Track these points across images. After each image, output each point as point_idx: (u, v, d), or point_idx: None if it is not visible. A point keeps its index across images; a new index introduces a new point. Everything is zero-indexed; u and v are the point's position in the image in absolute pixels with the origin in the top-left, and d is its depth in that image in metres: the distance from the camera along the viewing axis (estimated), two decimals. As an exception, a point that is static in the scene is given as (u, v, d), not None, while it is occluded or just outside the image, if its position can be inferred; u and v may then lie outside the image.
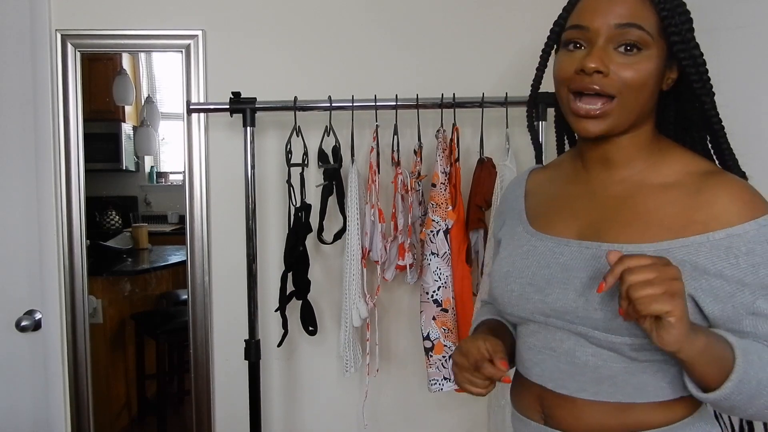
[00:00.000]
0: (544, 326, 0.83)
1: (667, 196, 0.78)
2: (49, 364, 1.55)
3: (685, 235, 0.74)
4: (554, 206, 0.88)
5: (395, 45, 1.57)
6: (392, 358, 1.63)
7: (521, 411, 0.89)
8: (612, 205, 0.82)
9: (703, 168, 0.80)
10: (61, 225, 1.54)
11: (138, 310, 2.43)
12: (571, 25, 0.79)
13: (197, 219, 1.56)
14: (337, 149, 1.45)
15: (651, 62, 0.76)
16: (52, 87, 1.51)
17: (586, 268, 0.78)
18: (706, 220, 0.74)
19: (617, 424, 0.79)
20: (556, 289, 0.80)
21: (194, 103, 1.51)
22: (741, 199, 0.74)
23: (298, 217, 1.45)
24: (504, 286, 0.87)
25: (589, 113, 0.76)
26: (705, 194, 0.75)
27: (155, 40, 1.54)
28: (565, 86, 0.79)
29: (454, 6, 1.57)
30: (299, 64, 1.56)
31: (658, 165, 0.82)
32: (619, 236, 0.78)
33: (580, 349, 0.79)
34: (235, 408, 1.61)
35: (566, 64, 0.79)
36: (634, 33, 0.75)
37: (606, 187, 0.84)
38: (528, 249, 0.86)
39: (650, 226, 0.77)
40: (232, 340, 1.58)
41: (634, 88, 0.76)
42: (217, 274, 1.59)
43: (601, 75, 0.75)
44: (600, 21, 0.76)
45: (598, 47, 0.75)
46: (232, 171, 1.56)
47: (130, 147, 2.66)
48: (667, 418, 0.79)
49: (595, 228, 0.81)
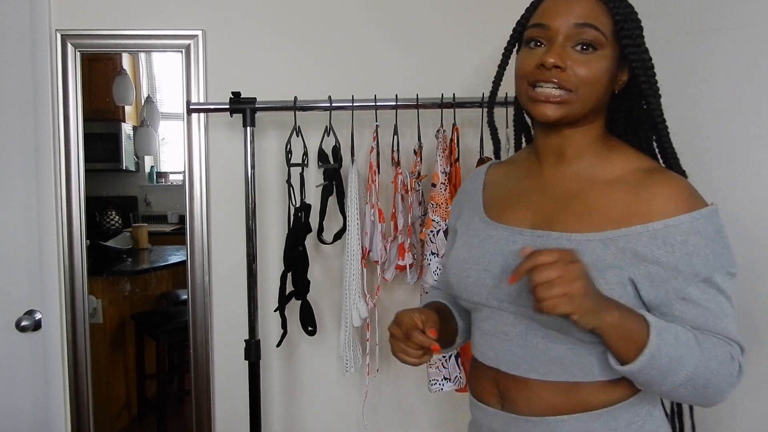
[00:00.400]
0: (497, 311, 0.88)
1: (614, 191, 0.85)
2: (49, 364, 1.55)
3: (627, 225, 0.81)
4: (510, 198, 0.95)
5: (395, 45, 1.57)
6: (392, 358, 1.62)
7: (479, 397, 0.94)
8: (563, 198, 0.88)
9: (646, 166, 0.87)
10: (61, 225, 1.54)
11: (138, 310, 2.43)
12: (532, 24, 0.86)
13: (197, 219, 1.56)
14: (337, 149, 1.45)
15: (605, 61, 0.83)
16: (52, 87, 1.51)
17: None
18: (647, 212, 0.81)
19: (566, 404, 0.85)
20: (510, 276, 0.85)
21: (194, 103, 1.51)
22: (678, 194, 0.81)
23: (298, 217, 1.45)
24: (460, 273, 0.92)
25: (548, 98, 0.82)
26: (646, 190, 0.83)
27: (155, 40, 1.54)
28: (526, 80, 0.85)
29: (454, 6, 1.57)
30: (299, 64, 1.56)
31: (605, 162, 0.88)
32: (568, 226, 0.84)
33: (531, 333, 0.85)
34: (235, 408, 1.61)
35: (527, 60, 0.85)
36: (590, 33, 0.82)
37: (558, 181, 0.90)
38: (484, 238, 0.92)
39: (596, 217, 0.83)
40: (232, 340, 1.58)
41: (589, 84, 0.82)
42: (217, 274, 1.59)
43: (559, 70, 0.81)
44: (560, 21, 0.82)
45: (557, 44, 0.82)
46: (232, 171, 1.56)
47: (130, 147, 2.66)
48: (611, 398, 0.85)
49: (547, 218, 0.88)
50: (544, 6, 0.86)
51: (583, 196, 0.86)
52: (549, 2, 0.86)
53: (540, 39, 0.85)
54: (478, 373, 0.94)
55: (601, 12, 0.84)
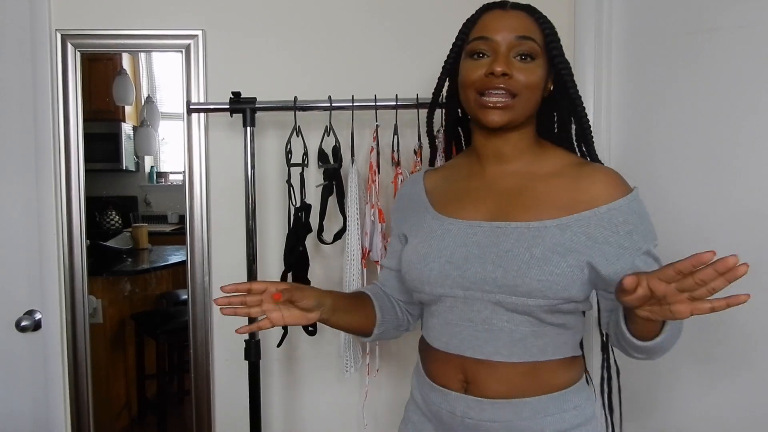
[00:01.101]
0: (461, 300, 0.95)
1: (554, 183, 0.95)
2: (49, 364, 1.55)
3: (576, 211, 0.92)
4: (459, 197, 1.02)
5: (395, 45, 1.57)
6: (392, 358, 1.63)
7: (439, 382, 1.00)
8: (511, 193, 0.97)
9: (575, 161, 0.99)
10: (61, 225, 1.54)
11: (138, 310, 2.43)
12: (476, 37, 0.95)
13: (197, 219, 1.56)
14: (337, 149, 1.45)
15: (541, 69, 0.95)
16: (52, 87, 1.51)
17: (499, 244, 0.93)
18: (590, 199, 0.92)
19: (527, 385, 0.94)
20: (474, 264, 0.93)
21: (194, 103, 1.51)
22: (613, 181, 0.93)
23: (298, 217, 1.45)
24: (423, 266, 0.98)
25: (496, 104, 0.92)
26: (584, 180, 0.94)
27: (155, 40, 1.54)
28: (473, 88, 0.94)
29: (454, 6, 1.57)
30: (299, 64, 1.56)
31: (540, 159, 0.99)
32: (524, 216, 0.94)
33: (496, 317, 0.93)
34: (235, 408, 1.61)
35: (474, 70, 0.94)
36: (529, 44, 0.93)
37: (502, 178, 1.00)
38: (442, 232, 0.99)
39: (546, 207, 0.93)
40: (232, 340, 1.58)
41: (531, 89, 0.93)
42: (217, 274, 1.59)
43: (507, 77, 0.91)
44: (502, 34, 0.93)
45: (502, 55, 0.92)
46: (232, 171, 1.56)
47: (130, 147, 2.66)
48: (564, 381, 0.96)
49: (502, 211, 0.96)
50: (485, 21, 0.96)
51: (529, 190, 0.96)
52: (489, 18, 0.96)
53: (484, 51, 0.94)
54: (439, 362, 1.00)
55: (534, 26, 0.95)
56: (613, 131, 1.50)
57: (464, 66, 0.97)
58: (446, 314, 0.98)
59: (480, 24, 0.96)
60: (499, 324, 0.93)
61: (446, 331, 0.98)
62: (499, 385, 0.94)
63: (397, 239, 1.14)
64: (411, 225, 1.07)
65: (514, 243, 0.92)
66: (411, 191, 1.12)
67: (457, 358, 0.97)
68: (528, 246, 0.91)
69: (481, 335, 0.94)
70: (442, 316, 0.98)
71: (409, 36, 1.57)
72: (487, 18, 0.96)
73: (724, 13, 1.28)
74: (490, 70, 0.91)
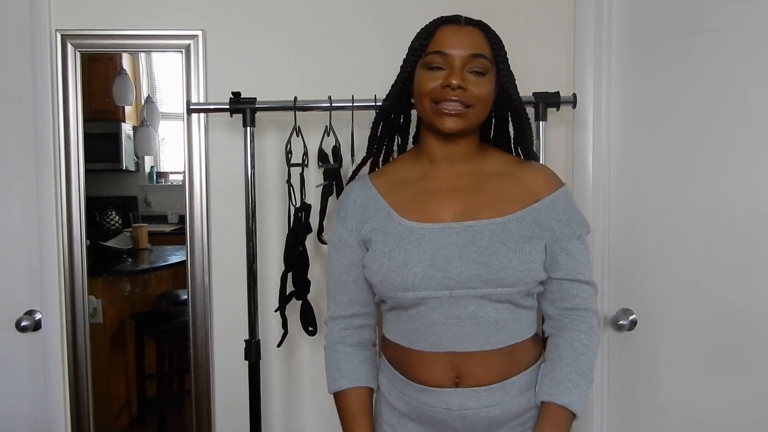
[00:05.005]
0: (446, 299, 1.00)
1: (504, 180, 1.07)
2: (49, 364, 1.55)
3: (528, 204, 1.05)
4: (421, 201, 1.07)
5: (395, 45, 1.56)
6: (392, 358, 1.63)
7: (430, 383, 1.03)
8: (470, 191, 1.06)
9: (515, 159, 1.14)
10: (61, 225, 1.54)
11: (138, 310, 2.42)
12: (433, 51, 1.02)
13: (197, 219, 1.56)
14: (337, 149, 1.45)
15: (491, 83, 1.04)
16: (52, 87, 1.51)
17: (476, 242, 1.01)
18: (535, 192, 1.06)
19: (511, 366, 1.04)
20: (457, 265, 1.00)
21: (194, 103, 1.51)
22: (550, 176, 1.09)
23: (298, 217, 1.45)
24: (405, 273, 1.01)
25: (452, 112, 1.00)
26: (527, 176, 1.08)
27: (155, 40, 1.54)
28: (429, 98, 1.02)
29: (454, 6, 1.56)
30: (299, 64, 1.56)
31: (486, 159, 1.10)
32: (489, 213, 1.03)
33: (482, 309, 1.00)
34: (235, 408, 1.61)
35: (430, 81, 1.01)
36: (481, 61, 1.01)
37: (458, 178, 1.07)
38: (416, 237, 1.03)
39: (505, 202, 1.04)
40: (232, 340, 1.58)
41: (483, 101, 1.02)
42: (217, 274, 1.59)
43: (462, 90, 0.99)
44: (458, 50, 1.00)
45: (457, 69, 1.00)
46: (232, 171, 1.56)
47: (130, 147, 2.65)
48: (533, 356, 1.08)
49: (467, 210, 1.04)
50: (441, 36, 1.02)
51: (485, 187, 1.06)
52: (445, 33, 1.02)
53: (439, 64, 1.01)
54: (423, 363, 1.04)
55: (485, 42, 1.03)
56: (612, 131, 1.50)
57: (421, 76, 1.04)
58: (430, 315, 1.01)
59: (437, 38, 1.03)
60: (485, 315, 1.00)
61: (432, 331, 1.02)
62: (490, 372, 1.02)
63: (350, 248, 1.11)
64: (373, 231, 1.07)
65: (489, 240, 1.00)
66: (364, 198, 1.11)
67: (447, 355, 1.02)
68: (502, 240, 1.00)
69: (470, 329, 1.01)
70: (426, 317, 1.02)
71: (408, 36, 1.56)
72: (444, 33, 1.03)
73: (724, 13, 1.28)
74: (446, 83, 0.99)
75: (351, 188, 1.15)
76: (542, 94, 1.41)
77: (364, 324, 1.15)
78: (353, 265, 1.11)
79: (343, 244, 1.11)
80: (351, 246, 1.11)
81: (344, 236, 1.11)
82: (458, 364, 1.02)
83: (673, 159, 1.38)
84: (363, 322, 1.15)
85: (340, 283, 1.13)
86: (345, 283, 1.12)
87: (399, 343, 1.08)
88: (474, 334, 1.01)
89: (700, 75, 1.32)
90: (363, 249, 1.10)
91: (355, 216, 1.11)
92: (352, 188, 1.15)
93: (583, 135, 1.52)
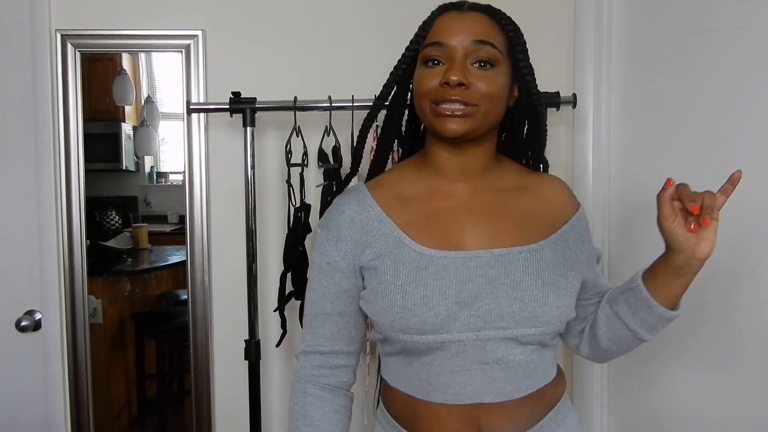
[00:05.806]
0: (472, 342, 0.83)
1: (524, 198, 0.92)
2: (49, 364, 1.55)
3: (559, 226, 0.92)
4: (436, 223, 0.88)
5: (396, 45, 1.56)
6: (392, 358, 1.63)
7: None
8: (491, 212, 0.89)
9: (524, 170, 0.98)
10: (61, 225, 1.54)
11: (138, 310, 2.43)
12: (430, 43, 0.86)
13: (197, 219, 1.56)
14: (337, 149, 1.45)
15: (502, 77, 0.85)
16: (52, 87, 1.51)
17: (509, 274, 0.85)
18: (561, 212, 0.93)
19: (539, 409, 0.90)
20: (486, 301, 0.83)
21: (194, 103, 1.51)
22: (569, 192, 0.97)
23: (298, 217, 1.45)
24: (426, 312, 0.82)
25: (453, 113, 0.82)
26: (546, 192, 0.94)
27: (155, 40, 1.54)
28: (428, 98, 0.84)
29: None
30: (299, 64, 1.56)
31: (503, 173, 0.94)
32: (520, 239, 0.88)
33: (512, 352, 0.85)
34: (235, 408, 1.61)
35: (428, 79, 0.84)
36: (487, 49, 0.83)
37: (475, 196, 0.90)
38: (437, 269, 0.84)
39: (533, 224, 0.90)
40: (232, 340, 1.58)
41: (491, 99, 0.83)
42: (217, 274, 1.59)
43: (463, 87, 0.81)
44: (458, 38, 0.83)
45: (458, 62, 0.82)
46: (232, 171, 1.56)
47: (130, 147, 2.65)
48: (560, 389, 0.96)
49: (494, 235, 0.87)
50: (439, 25, 0.86)
51: (508, 208, 0.90)
52: (444, 21, 0.86)
53: (438, 58, 0.85)
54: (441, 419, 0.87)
55: (495, 29, 0.85)
56: (613, 131, 1.50)
57: (418, 74, 0.87)
58: (451, 361, 0.84)
59: (435, 28, 0.86)
60: (515, 360, 0.85)
61: (454, 381, 0.85)
62: (516, 424, 0.87)
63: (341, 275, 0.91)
64: (379, 258, 0.87)
65: (523, 271, 0.84)
66: (364, 216, 0.90)
67: (469, 407, 0.85)
68: (536, 271, 0.85)
69: (498, 375, 0.84)
70: (446, 364, 0.84)
71: (408, 36, 1.57)
72: (443, 21, 0.86)
73: (724, 13, 1.28)
74: (444, 80, 0.82)
75: (346, 201, 0.93)
76: (542, 94, 1.41)
77: (344, 364, 0.96)
78: (342, 295, 0.92)
79: (333, 269, 0.91)
80: (343, 272, 0.91)
81: (335, 260, 0.90)
82: (481, 418, 0.86)
83: (674, 159, 1.38)
84: (343, 362, 0.95)
85: (322, 313, 0.93)
86: (329, 314, 0.93)
87: (410, 394, 0.89)
88: (503, 381, 0.85)
89: (700, 75, 1.32)
90: (357, 277, 0.91)
91: (352, 238, 0.90)
92: (347, 202, 0.93)
93: (583, 135, 1.52)
